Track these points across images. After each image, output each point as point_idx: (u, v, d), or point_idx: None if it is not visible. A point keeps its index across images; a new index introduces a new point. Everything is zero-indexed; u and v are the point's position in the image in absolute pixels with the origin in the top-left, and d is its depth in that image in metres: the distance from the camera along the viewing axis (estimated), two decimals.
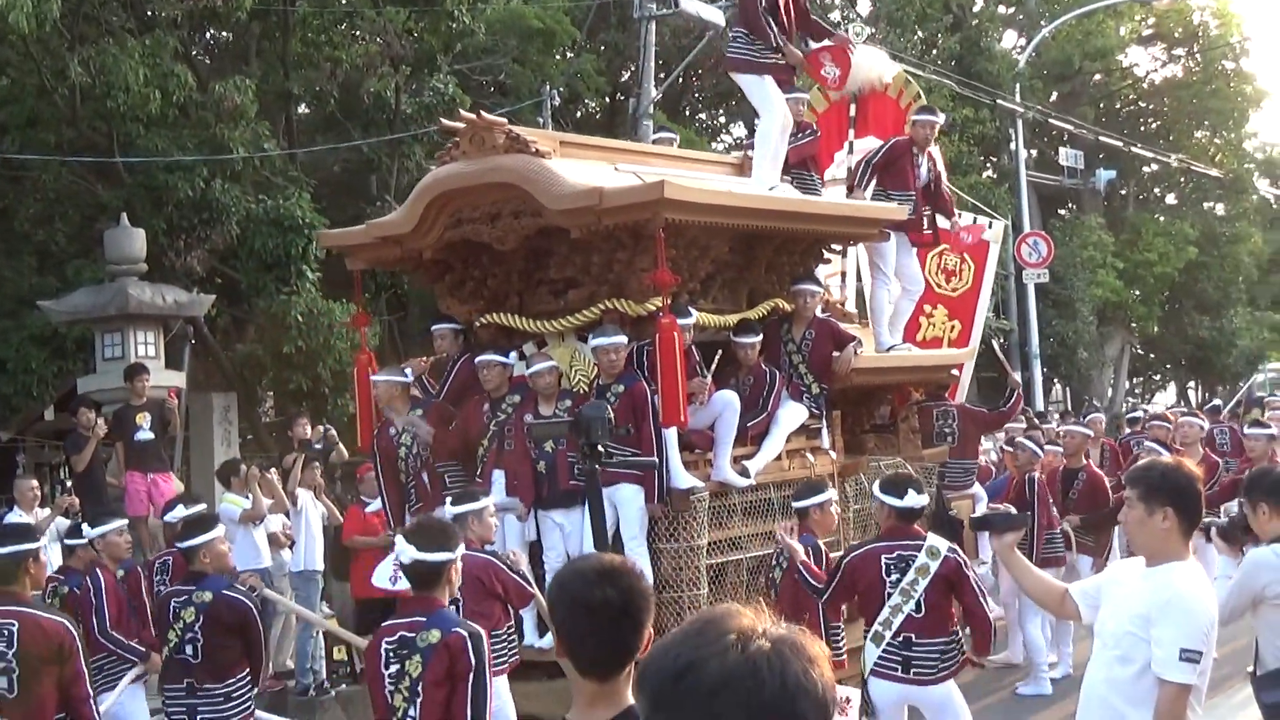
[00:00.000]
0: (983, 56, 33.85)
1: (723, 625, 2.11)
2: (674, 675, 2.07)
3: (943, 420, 13.48)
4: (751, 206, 10.85)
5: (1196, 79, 42.41)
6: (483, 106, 17.35)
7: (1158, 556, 5.23)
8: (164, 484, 14.87)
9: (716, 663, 2.05)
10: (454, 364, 11.24)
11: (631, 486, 9.87)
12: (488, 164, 10.24)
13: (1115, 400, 38.59)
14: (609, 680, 3.53)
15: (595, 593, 3.51)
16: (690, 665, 2.06)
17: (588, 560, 3.76)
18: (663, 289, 9.92)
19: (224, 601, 8.44)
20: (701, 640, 2.09)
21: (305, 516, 14.32)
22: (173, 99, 18.76)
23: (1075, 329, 34.87)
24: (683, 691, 2.05)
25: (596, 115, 30.16)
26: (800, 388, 11.48)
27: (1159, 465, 5.45)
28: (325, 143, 23.22)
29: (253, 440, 21.22)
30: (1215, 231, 41.16)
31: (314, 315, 18.99)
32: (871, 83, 14.68)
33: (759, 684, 2.03)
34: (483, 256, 10.92)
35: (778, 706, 2.01)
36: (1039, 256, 31.05)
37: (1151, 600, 5.14)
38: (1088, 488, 13.56)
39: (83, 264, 19.10)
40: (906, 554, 8.53)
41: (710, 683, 2.04)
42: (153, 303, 16.60)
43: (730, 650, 2.06)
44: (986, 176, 34.76)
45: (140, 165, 19.00)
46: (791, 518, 11.05)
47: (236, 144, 19.33)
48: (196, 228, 19.73)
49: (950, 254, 16.13)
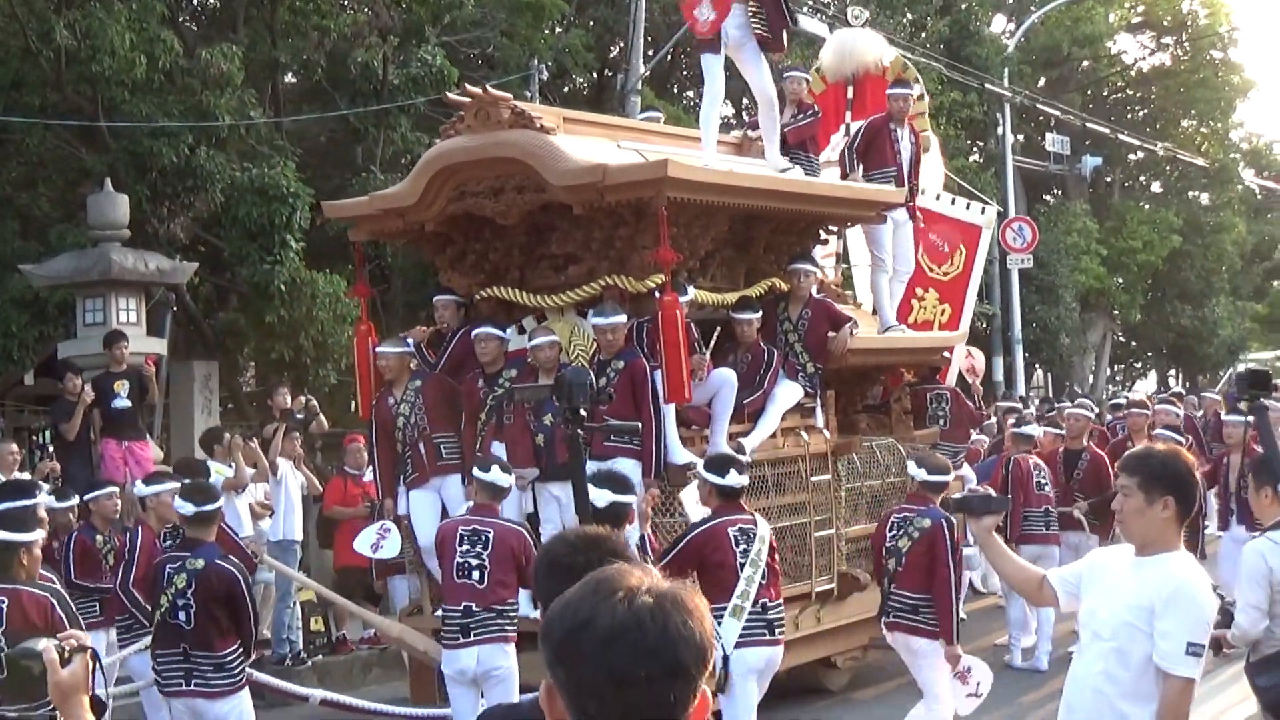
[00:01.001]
0: (972, 40, 33.77)
1: (613, 583, 2.33)
2: (572, 629, 2.30)
3: (936, 403, 13.59)
4: (752, 186, 10.97)
5: (1184, 68, 42.46)
6: (470, 79, 17.33)
7: (1153, 546, 5.12)
8: (140, 452, 14.80)
9: (607, 617, 2.28)
10: (454, 335, 11.33)
11: (629, 461, 9.98)
12: (492, 139, 10.33)
13: (1096, 387, 38.67)
14: None
15: (577, 558, 3.45)
16: (586, 621, 2.29)
17: (573, 530, 3.81)
18: (664, 266, 10.04)
19: (214, 570, 8.41)
20: (596, 597, 2.32)
21: (285, 486, 14.32)
22: (159, 64, 18.62)
23: (1058, 315, 34.89)
24: (580, 644, 2.28)
25: (584, 91, 30.04)
26: (796, 367, 11.61)
27: (1158, 454, 5.31)
28: (311, 112, 23.09)
29: (233, 409, 21.15)
30: (1199, 220, 41.24)
31: (297, 285, 18.91)
32: (868, 66, 14.77)
33: (643, 634, 2.26)
34: (485, 230, 11.00)
35: (659, 653, 2.25)
36: (1023, 242, 31.07)
37: (1155, 592, 5.01)
38: (1091, 468, 13.59)
39: (65, 229, 18.97)
40: (747, 526, 8.84)
41: (603, 634, 2.27)
42: (135, 269, 16.51)
43: (619, 605, 2.28)
44: (973, 161, 34.72)
45: (125, 130, 18.87)
46: (784, 495, 11.23)
47: (222, 111, 19.20)
48: (180, 195, 19.61)
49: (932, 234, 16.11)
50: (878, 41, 15.31)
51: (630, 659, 2.26)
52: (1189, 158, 41.25)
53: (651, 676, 2.27)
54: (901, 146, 13.24)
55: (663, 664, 2.27)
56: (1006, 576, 6.09)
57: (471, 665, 8.97)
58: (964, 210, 16.65)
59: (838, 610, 11.63)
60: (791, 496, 11.35)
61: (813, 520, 11.32)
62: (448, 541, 9.21)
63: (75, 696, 3.42)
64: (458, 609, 9.03)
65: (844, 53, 14.79)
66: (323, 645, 14.62)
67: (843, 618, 11.67)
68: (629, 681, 2.26)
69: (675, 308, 9.96)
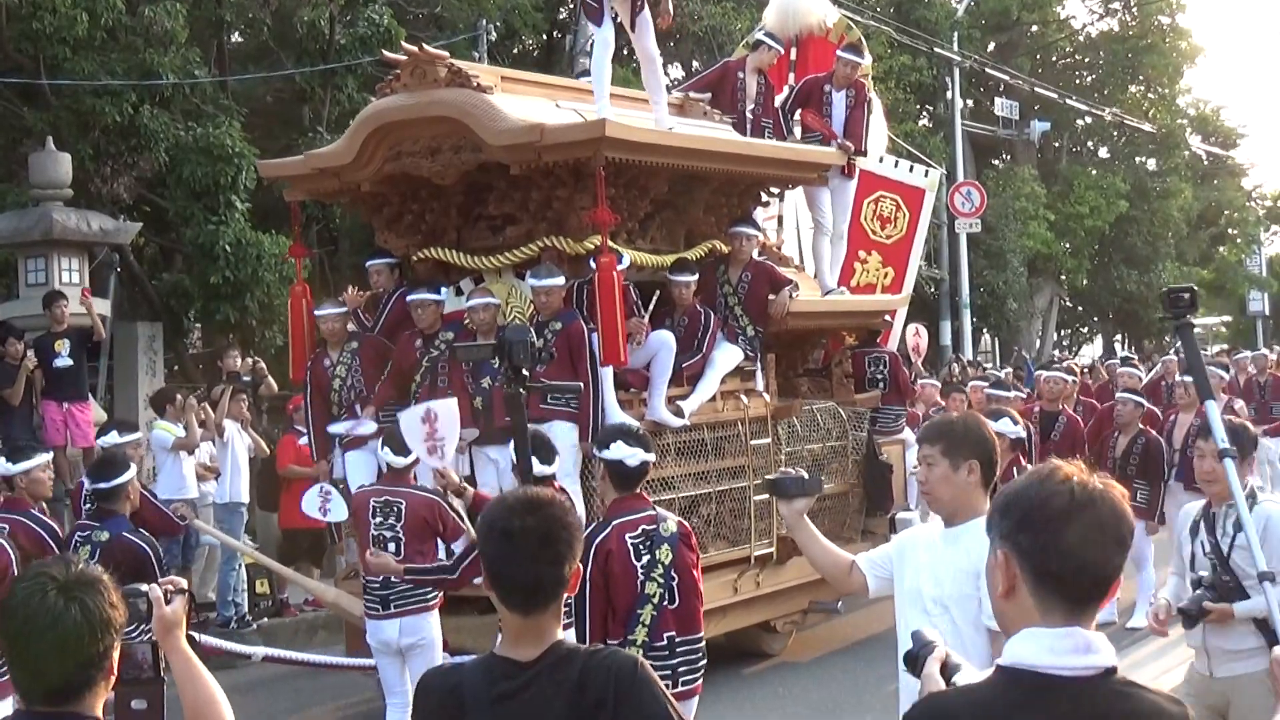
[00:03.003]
0: (921, 4, 33.83)
1: (1061, 471, 2.86)
2: (1035, 506, 2.82)
3: (875, 366, 13.55)
4: (691, 147, 10.89)
5: (1132, 33, 42.62)
6: (418, 39, 17.16)
7: (962, 513, 5.08)
8: (80, 414, 14.65)
9: (1065, 496, 2.81)
10: (389, 298, 11.23)
11: (565, 424, 9.92)
12: (428, 97, 10.21)
13: (1043, 351, 38.88)
14: (534, 614, 3.49)
15: (515, 521, 3.48)
16: (1047, 498, 2.81)
17: (515, 492, 3.73)
18: (602, 228, 9.94)
19: (120, 544, 8.14)
20: (1050, 483, 2.84)
21: (231, 448, 14.25)
22: (101, 22, 18.39)
23: (1005, 279, 35.06)
24: (1047, 515, 2.81)
25: (534, 52, 29.88)
26: (736, 330, 11.55)
27: (958, 421, 5.42)
28: (257, 71, 22.88)
29: (178, 371, 21.00)
30: (1146, 186, 41.45)
31: (243, 246, 18.73)
32: (812, 27, 14.67)
33: (1097, 509, 2.81)
34: (421, 191, 10.89)
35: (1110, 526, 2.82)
36: (971, 206, 31.21)
37: (980, 556, 4.75)
38: (1068, 430, 13.63)
39: (6, 188, 18.74)
40: (650, 528, 6.77)
41: (1063, 507, 2.80)
42: (78, 229, 16.35)
43: (1075, 488, 2.83)
44: (922, 125, 34.82)
45: (67, 89, 18.64)
46: (723, 459, 11.11)
47: (166, 70, 18.98)
48: (124, 154, 19.41)
49: (885, 200, 16.15)
50: (822, 2, 15.21)
51: (1088, 526, 2.79)
52: (1136, 123, 41.46)
53: (1103, 542, 2.81)
54: (835, 109, 13.15)
55: (1110, 533, 2.82)
56: (814, 562, 5.78)
57: (394, 636, 8.88)
58: (907, 173, 16.63)
59: (777, 574, 11.58)
60: (731, 460, 11.29)
61: (752, 484, 11.23)
62: (361, 513, 9.12)
63: (175, 631, 3.82)
64: (376, 581, 8.91)
65: (787, 13, 14.63)
66: (268, 608, 14.56)
67: (782, 582, 11.63)
68: (1083, 542, 2.78)
69: (612, 270, 9.88)
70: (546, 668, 3.46)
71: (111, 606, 3.21)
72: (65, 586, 3.15)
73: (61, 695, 3.16)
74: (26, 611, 3.11)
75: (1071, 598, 2.80)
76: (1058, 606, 2.79)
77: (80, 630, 3.11)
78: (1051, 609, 2.80)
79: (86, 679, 3.16)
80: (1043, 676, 2.75)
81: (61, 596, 3.13)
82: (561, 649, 3.51)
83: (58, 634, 3.10)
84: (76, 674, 3.14)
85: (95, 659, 3.15)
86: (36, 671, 3.14)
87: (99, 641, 3.15)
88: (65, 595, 3.14)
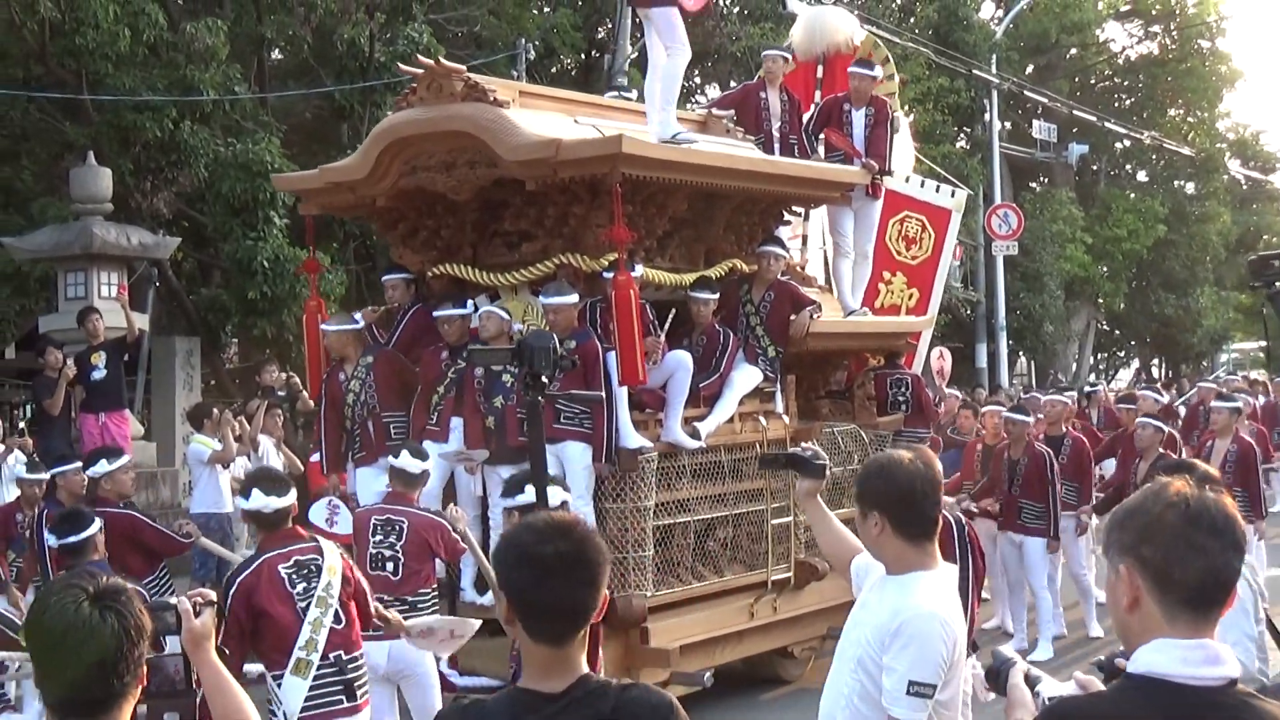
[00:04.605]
0: (960, 26, 33.76)
1: (1172, 485, 2.95)
2: (1155, 518, 2.90)
3: (898, 388, 13.33)
4: (711, 164, 10.63)
5: (1172, 57, 42.46)
6: (457, 57, 17.22)
7: (894, 565, 4.58)
8: (115, 427, 14.70)
9: (1182, 506, 2.90)
10: (404, 314, 11.05)
11: (578, 444, 9.73)
12: (444, 111, 9.98)
13: (1079, 375, 38.73)
14: (563, 645, 3.33)
15: (546, 547, 3.30)
16: (1163, 509, 2.90)
17: (538, 516, 3.52)
18: (618, 245, 9.73)
19: None
20: (1161, 498, 2.93)
21: (266, 463, 14.23)
22: (143, 38, 18.56)
23: (1042, 302, 34.93)
24: (1165, 526, 2.89)
25: (572, 71, 29.98)
26: (756, 350, 11.32)
27: (872, 464, 4.78)
28: (297, 88, 23.03)
29: (215, 385, 21.11)
30: (1185, 210, 41.26)
31: (280, 262, 18.84)
32: (839, 45, 14.42)
33: (1212, 516, 2.90)
34: (437, 206, 10.69)
35: (1225, 531, 2.89)
36: (1009, 228, 31.09)
37: (889, 618, 4.45)
38: (1074, 453, 13.53)
39: (48, 202, 18.91)
40: (304, 558, 6.97)
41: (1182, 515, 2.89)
42: (117, 243, 16.47)
43: (1189, 497, 2.91)
44: (959, 147, 34.72)
45: (108, 104, 18.80)
46: (741, 482, 10.82)
47: (207, 86, 19.13)
48: (164, 169, 19.57)
49: (911, 220, 15.95)
50: (849, 20, 14.95)
51: (1206, 533, 2.87)
52: (1175, 147, 41.26)
53: (1222, 548, 2.88)
54: (855, 127, 12.86)
55: (1228, 539, 2.89)
56: (821, 544, 5.60)
57: (382, 662, 8.25)
58: (933, 193, 16.36)
59: (795, 599, 11.31)
60: (749, 483, 11.00)
61: (769, 507, 10.98)
62: (361, 532, 8.86)
63: (205, 643, 3.91)
64: None
65: (814, 31, 14.36)
66: None
67: (800, 607, 11.34)
68: (1203, 549, 2.86)
69: (628, 288, 9.64)
70: (575, 701, 3.31)
71: (141, 614, 3.21)
72: (97, 597, 3.14)
73: (99, 706, 3.15)
74: (63, 624, 3.10)
75: (1196, 605, 2.88)
76: (1183, 615, 2.88)
77: (119, 639, 3.11)
78: (1177, 618, 2.88)
79: (122, 689, 3.15)
80: (1174, 686, 2.83)
81: (95, 607, 3.12)
82: (591, 682, 3.35)
83: (96, 645, 3.10)
84: (114, 684, 3.13)
85: (131, 668, 3.15)
86: (73, 683, 3.12)
87: (135, 649, 3.15)
88: (99, 606, 3.13)
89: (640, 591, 9.84)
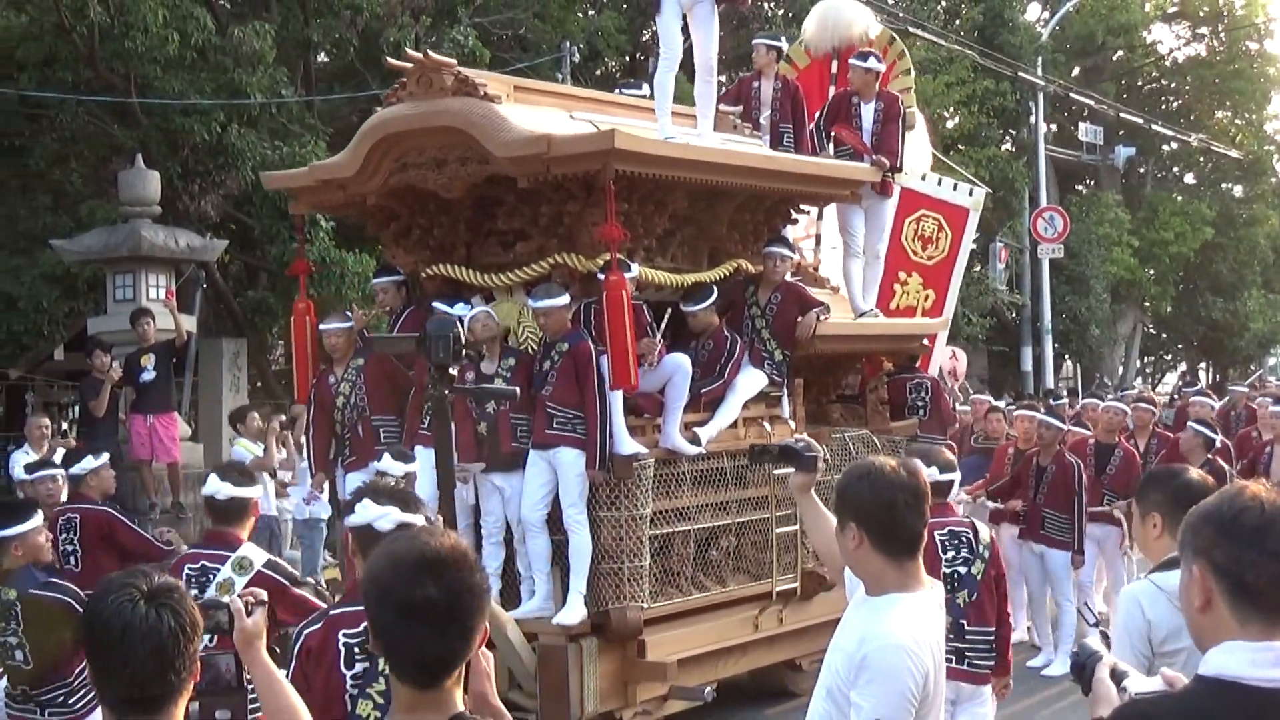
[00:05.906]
0: (1005, 28, 33.58)
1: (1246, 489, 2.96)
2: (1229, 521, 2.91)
3: (915, 392, 12.94)
4: (710, 160, 10.28)
5: (1220, 58, 42.12)
6: (501, 60, 17.22)
7: (871, 585, 4.30)
8: (163, 429, 14.77)
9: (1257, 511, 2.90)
10: (397, 317, 10.89)
11: (571, 450, 9.49)
12: (434, 107, 9.71)
13: (1126, 378, 38.48)
14: (431, 689, 3.07)
15: (415, 592, 2.98)
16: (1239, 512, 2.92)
17: (410, 547, 3.08)
18: (611, 244, 9.42)
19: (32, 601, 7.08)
20: (1239, 500, 2.94)
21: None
22: (191, 41, 18.67)
23: (1088, 305, 34.75)
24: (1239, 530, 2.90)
25: (616, 73, 29.96)
26: (762, 353, 11.02)
27: (853, 470, 4.42)
28: (343, 91, 23.12)
29: (261, 387, 21.22)
30: (1232, 213, 40.94)
31: (327, 264, 18.92)
32: (853, 39, 13.94)
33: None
34: (429, 204, 10.43)
35: None
36: (1054, 231, 30.97)
37: (858, 646, 4.20)
38: (1123, 465, 13.29)
39: (96, 205, 19.04)
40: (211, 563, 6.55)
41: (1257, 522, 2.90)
42: (165, 245, 16.57)
43: (1266, 501, 2.90)
44: (1005, 149, 34.56)
45: (157, 107, 18.92)
46: (745, 489, 10.53)
47: (254, 89, 19.23)
48: (211, 172, 19.68)
49: (928, 219, 15.61)
50: (863, 13, 14.37)
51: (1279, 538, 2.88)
52: (1223, 149, 40.93)
53: None
54: (863, 121, 12.41)
55: None
56: (814, 542, 5.39)
57: None
58: (950, 191, 15.95)
59: (802, 611, 10.95)
60: (753, 490, 10.67)
61: (775, 515, 10.63)
62: None
63: (257, 643, 3.92)
64: None
65: (827, 24, 13.97)
66: None
67: (807, 618, 10.93)
68: (1276, 554, 2.86)
69: (621, 288, 9.30)
70: None
71: (194, 612, 3.26)
72: (152, 595, 3.19)
73: (156, 703, 3.19)
74: (122, 622, 3.14)
75: (1268, 608, 2.89)
76: (1255, 618, 2.89)
77: (177, 636, 3.16)
78: (1249, 620, 2.89)
79: (179, 685, 3.20)
80: (1244, 688, 2.85)
81: (151, 606, 3.17)
82: None
83: (156, 642, 3.14)
84: (171, 681, 3.17)
85: (187, 664, 3.20)
86: (133, 681, 3.16)
87: (190, 645, 3.20)
88: (154, 604, 3.18)
89: (636, 603, 9.57)
